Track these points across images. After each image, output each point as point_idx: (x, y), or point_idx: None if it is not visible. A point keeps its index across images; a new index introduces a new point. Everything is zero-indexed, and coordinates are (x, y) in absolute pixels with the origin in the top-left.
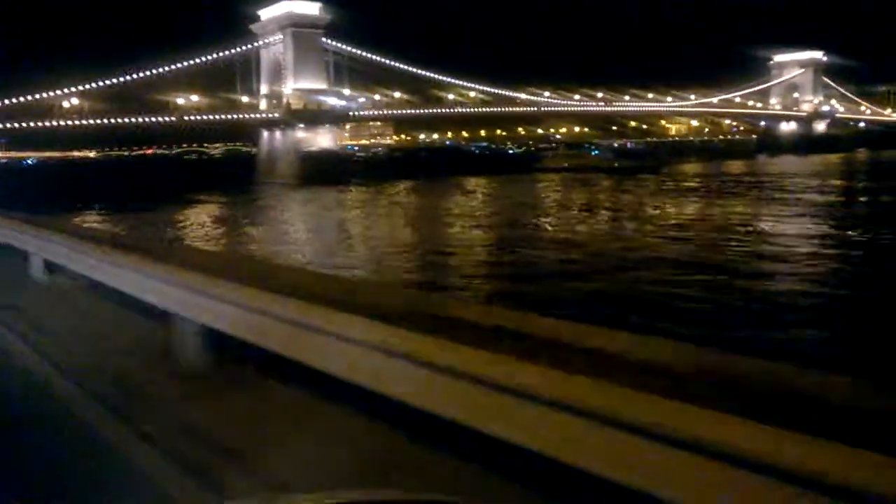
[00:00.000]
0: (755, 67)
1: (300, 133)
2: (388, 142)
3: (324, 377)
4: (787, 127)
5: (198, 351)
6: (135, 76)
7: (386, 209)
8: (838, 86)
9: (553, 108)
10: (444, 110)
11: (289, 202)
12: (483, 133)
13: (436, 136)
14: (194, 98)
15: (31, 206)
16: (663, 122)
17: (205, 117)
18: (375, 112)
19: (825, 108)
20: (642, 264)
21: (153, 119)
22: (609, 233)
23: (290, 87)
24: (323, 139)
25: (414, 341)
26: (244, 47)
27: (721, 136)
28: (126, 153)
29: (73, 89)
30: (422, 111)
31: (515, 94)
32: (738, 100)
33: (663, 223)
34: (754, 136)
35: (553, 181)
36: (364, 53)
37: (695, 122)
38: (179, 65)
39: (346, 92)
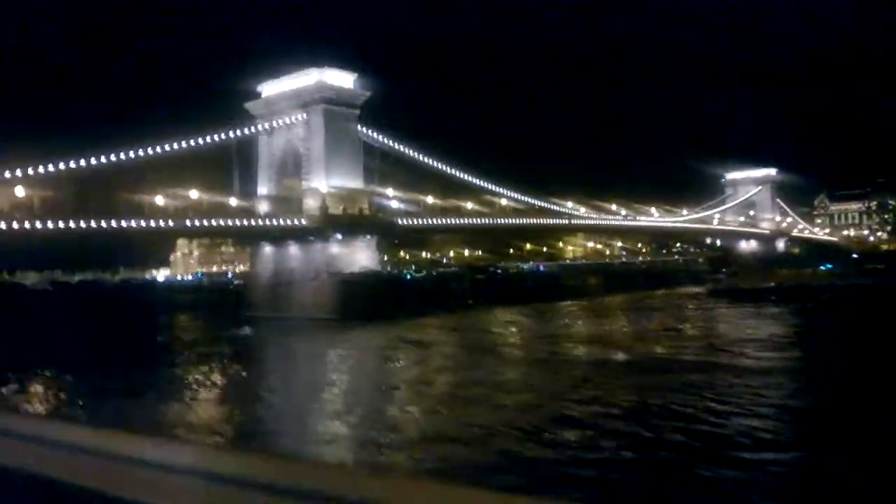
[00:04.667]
0: (709, 185)
1: (334, 248)
2: (243, 268)
3: None
4: (748, 245)
5: None
6: (81, 163)
7: None
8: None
9: (583, 223)
10: (511, 221)
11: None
12: None
13: None
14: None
15: None
16: (560, 244)
17: (200, 224)
18: (424, 222)
19: (783, 224)
20: None
21: (124, 224)
22: None
23: (325, 184)
24: (362, 256)
25: None
26: (234, 133)
27: (641, 259)
28: None
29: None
30: (478, 221)
31: (546, 204)
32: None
33: None
34: (677, 257)
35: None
36: (401, 147)
37: (590, 244)
38: (139, 153)
39: (393, 193)
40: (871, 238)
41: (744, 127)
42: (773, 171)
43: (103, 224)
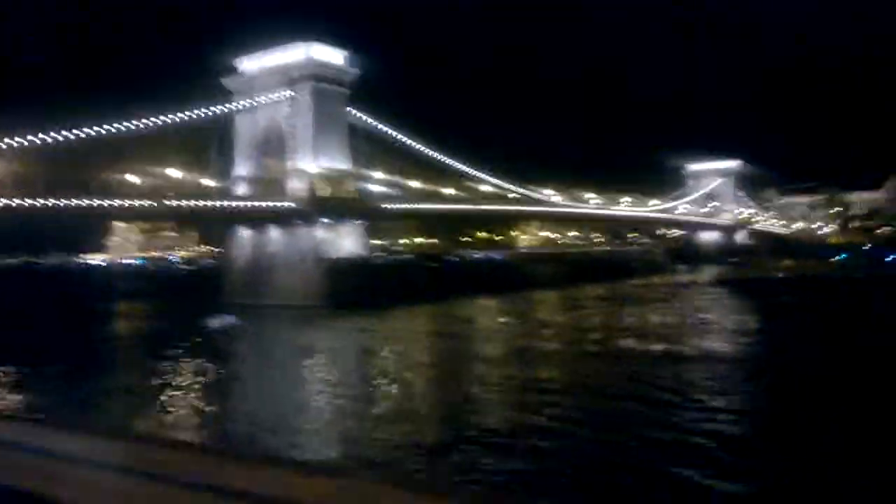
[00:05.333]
0: (672, 176)
1: (321, 232)
2: (185, 253)
3: None
4: (708, 236)
5: None
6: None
7: None
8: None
9: (561, 210)
10: (495, 207)
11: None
12: None
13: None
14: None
15: None
16: (513, 232)
17: (181, 204)
18: (412, 206)
19: (743, 216)
20: None
21: (97, 203)
22: None
23: (313, 165)
24: (349, 241)
25: None
26: (211, 110)
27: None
28: None
29: None
30: (462, 206)
31: (525, 191)
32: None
33: None
34: (634, 247)
35: None
36: (386, 129)
37: (543, 233)
38: (107, 129)
39: (379, 176)
40: (822, 232)
41: (707, 118)
42: (734, 163)
43: (77, 202)
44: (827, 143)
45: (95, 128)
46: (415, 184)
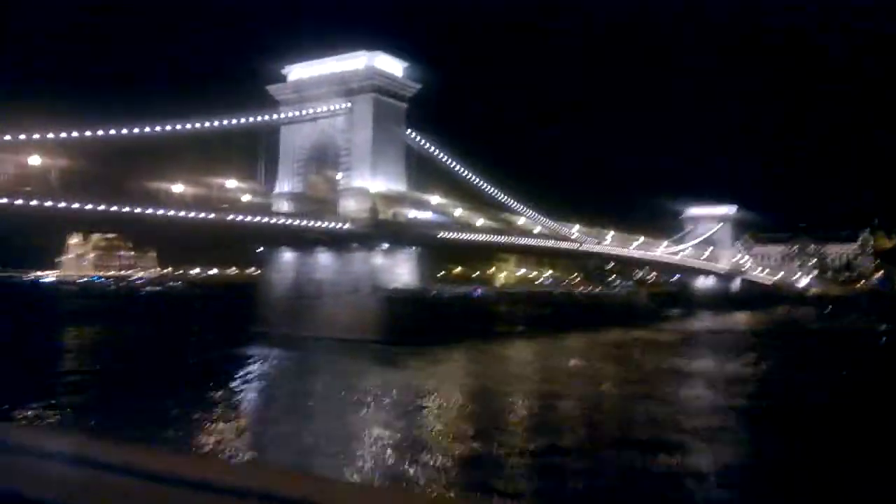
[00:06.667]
0: (670, 220)
1: (377, 258)
2: (145, 274)
3: None
4: (705, 282)
5: None
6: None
7: None
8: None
9: (590, 249)
10: (532, 241)
11: None
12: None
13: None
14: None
15: None
16: (493, 269)
17: (239, 219)
18: (469, 237)
19: (738, 263)
20: None
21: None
22: None
23: (374, 185)
24: (404, 270)
25: None
26: (258, 118)
27: (582, 289)
28: None
29: None
30: (510, 240)
31: (556, 225)
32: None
33: None
34: (618, 290)
35: None
36: (437, 152)
37: (521, 271)
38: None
39: (435, 201)
40: (805, 282)
41: (706, 162)
42: (732, 209)
43: (136, 210)
44: (806, 196)
45: (124, 130)
46: (459, 212)
